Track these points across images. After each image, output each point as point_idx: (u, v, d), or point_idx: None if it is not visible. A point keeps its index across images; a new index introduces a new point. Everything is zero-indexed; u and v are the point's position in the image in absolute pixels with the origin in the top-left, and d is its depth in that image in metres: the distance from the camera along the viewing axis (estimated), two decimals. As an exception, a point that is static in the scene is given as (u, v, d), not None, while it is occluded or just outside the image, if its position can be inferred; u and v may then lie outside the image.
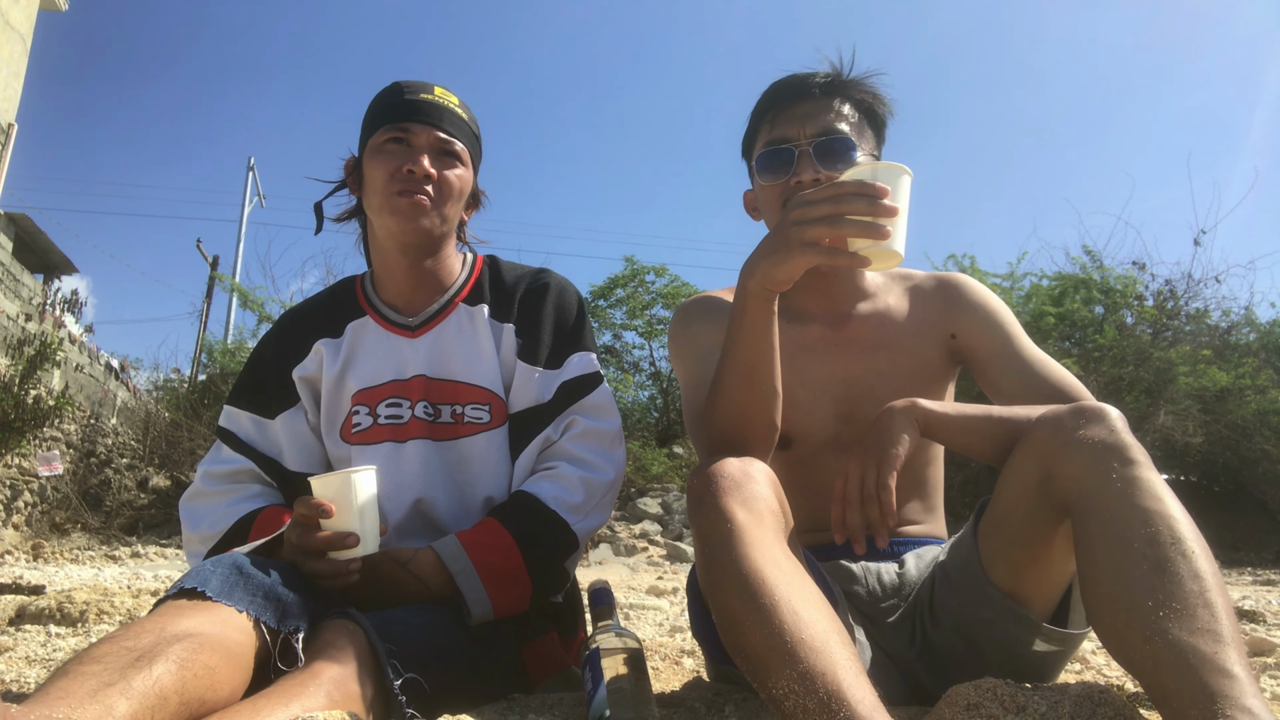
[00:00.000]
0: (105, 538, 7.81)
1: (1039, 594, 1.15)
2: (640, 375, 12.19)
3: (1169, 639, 0.84)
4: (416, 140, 1.37)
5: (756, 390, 1.16)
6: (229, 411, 1.46)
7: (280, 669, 0.99)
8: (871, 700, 0.82)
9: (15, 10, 11.53)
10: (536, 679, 1.33)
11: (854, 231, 1.01)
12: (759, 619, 0.89)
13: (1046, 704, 0.91)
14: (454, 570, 1.23)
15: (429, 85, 1.42)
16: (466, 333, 1.44)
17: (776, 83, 1.40)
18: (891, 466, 1.13)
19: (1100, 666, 1.88)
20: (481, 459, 1.39)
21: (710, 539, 0.99)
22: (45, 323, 10.16)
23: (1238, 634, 0.85)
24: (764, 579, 0.92)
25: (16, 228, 12.62)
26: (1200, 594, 0.86)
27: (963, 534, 1.24)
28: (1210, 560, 0.91)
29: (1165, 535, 0.91)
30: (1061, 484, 1.02)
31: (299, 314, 1.54)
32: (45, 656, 1.79)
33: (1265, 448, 8.49)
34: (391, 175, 1.35)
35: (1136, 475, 0.97)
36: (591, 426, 1.40)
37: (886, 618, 1.29)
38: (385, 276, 1.47)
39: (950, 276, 1.47)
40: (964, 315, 1.41)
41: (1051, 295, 9.88)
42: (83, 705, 0.77)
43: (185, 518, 1.40)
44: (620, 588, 4.17)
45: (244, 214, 18.52)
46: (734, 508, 0.99)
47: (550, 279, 1.51)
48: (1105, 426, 1.02)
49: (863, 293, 1.45)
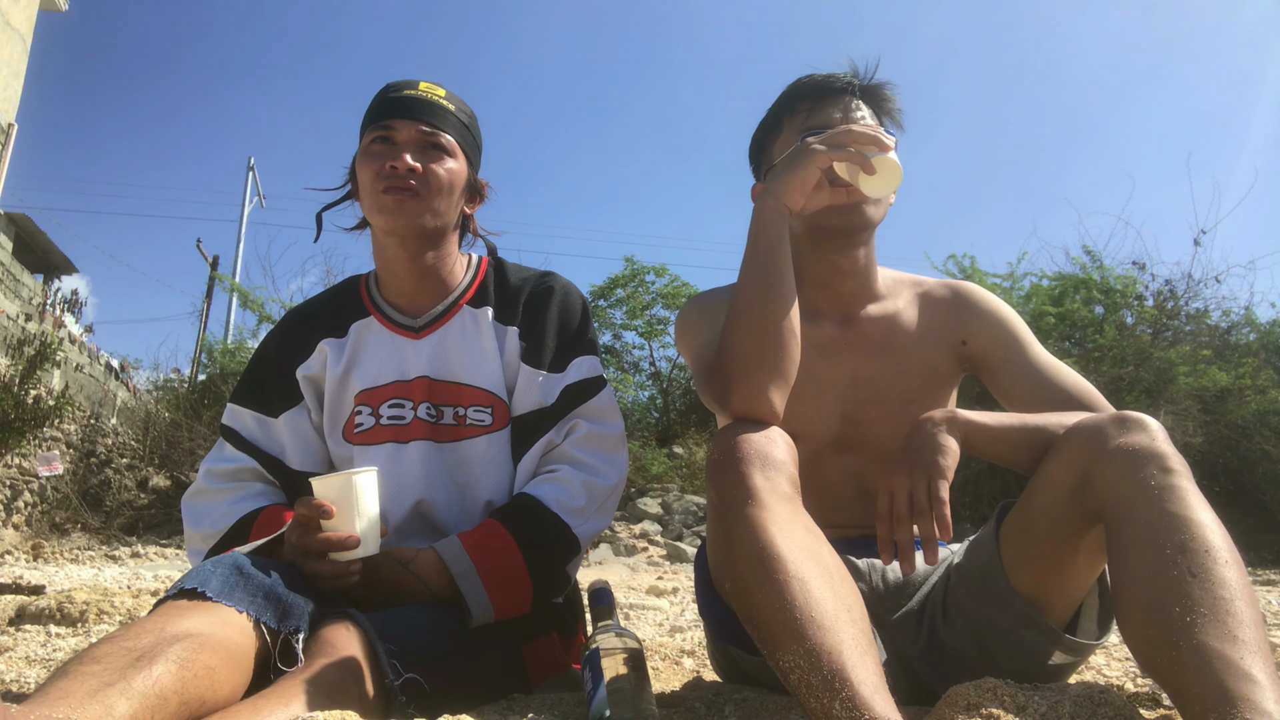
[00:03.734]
0: (105, 538, 7.81)
1: (1059, 602, 1.14)
2: (640, 375, 12.19)
3: (1193, 644, 0.85)
4: (399, 136, 1.37)
5: (776, 293, 1.18)
6: (232, 410, 1.46)
7: (280, 669, 0.99)
8: (875, 681, 0.82)
9: (15, 10, 11.53)
10: (536, 680, 1.33)
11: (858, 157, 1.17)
12: (771, 592, 0.90)
13: (1047, 704, 0.91)
14: (456, 572, 1.23)
15: (414, 81, 1.42)
16: (470, 335, 1.44)
17: (803, 80, 1.42)
18: (943, 476, 1.10)
19: (1100, 666, 1.88)
20: (483, 461, 1.39)
21: (728, 507, 0.99)
22: (45, 323, 10.16)
23: (1264, 641, 0.85)
24: (778, 552, 0.93)
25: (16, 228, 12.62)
26: (1228, 601, 0.87)
27: (981, 536, 1.23)
28: (1241, 570, 0.92)
29: (1198, 543, 0.92)
30: (1098, 490, 1.02)
31: (303, 313, 1.54)
32: (45, 656, 1.79)
33: (1265, 448, 8.48)
34: (376, 174, 1.35)
35: (1173, 484, 0.98)
36: (594, 430, 1.40)
37: (890, 614, 1.29)
38: (388, 276, 1.47)
39: (962, 284, 1.48)
40: (975, 322, 1.42)
41: (1051, 295, 9.87)
42: (82, 705, 0.77)
43: (187, 516, 1.40)
44: (620, 588, 4.17)
45: (244, 214, 18.52)
46: (754, 476, 1.00)
47: (555, 282, 1.51)
48: (1146, 435, 1.03)
49: (874, 295, 1.45)
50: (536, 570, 1.28)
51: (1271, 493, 8.43)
